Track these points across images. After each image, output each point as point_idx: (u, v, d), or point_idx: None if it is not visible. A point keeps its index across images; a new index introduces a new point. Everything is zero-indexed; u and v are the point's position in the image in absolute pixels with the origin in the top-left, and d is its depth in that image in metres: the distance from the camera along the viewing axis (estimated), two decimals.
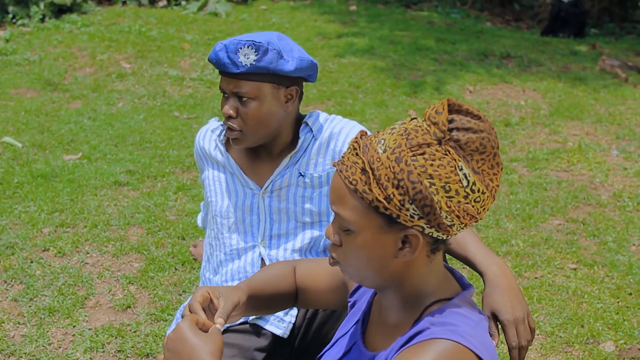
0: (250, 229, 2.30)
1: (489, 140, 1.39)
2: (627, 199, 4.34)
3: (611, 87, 6.44)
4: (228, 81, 2.16)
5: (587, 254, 3.74)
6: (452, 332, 1.37)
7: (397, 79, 6.35)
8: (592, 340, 3.08)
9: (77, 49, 6.89)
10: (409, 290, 1.49)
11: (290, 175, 2.28)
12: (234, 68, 2.13)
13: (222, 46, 2.13)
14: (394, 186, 1.35)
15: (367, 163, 1.38)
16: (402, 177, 1.34)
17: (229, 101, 2.18)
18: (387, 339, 1.53)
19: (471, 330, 1.40)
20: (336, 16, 8.54)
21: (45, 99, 5.77)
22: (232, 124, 2.19)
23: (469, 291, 1.51)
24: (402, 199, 1.35)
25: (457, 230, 1.41)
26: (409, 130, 1.38)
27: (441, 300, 1.47)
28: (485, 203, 1.40)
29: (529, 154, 4.96)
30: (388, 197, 1.36)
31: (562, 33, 8.43)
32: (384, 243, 1.41)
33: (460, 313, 1.43)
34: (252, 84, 2.16)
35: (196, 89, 6.09)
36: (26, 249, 3.62)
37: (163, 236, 3.77)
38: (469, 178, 1.37)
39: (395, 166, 1.35)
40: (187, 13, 8.24)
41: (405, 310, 1.50)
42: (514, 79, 6.52)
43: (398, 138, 1.37)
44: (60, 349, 2.96)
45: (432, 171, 1.35)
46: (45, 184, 4.29)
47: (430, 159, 1.35)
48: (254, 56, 2.13)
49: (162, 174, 4.46)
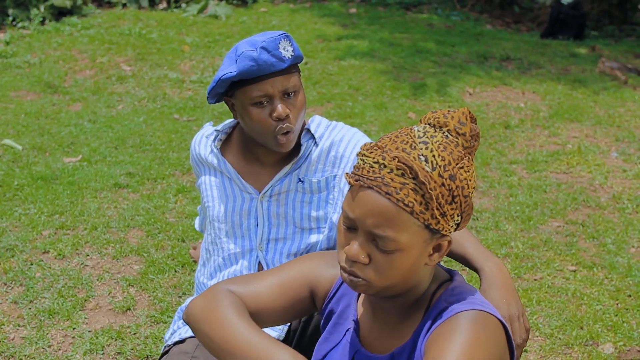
0: (248, 233, 2.30)
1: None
2: (626, 201, 4.34)
3: (611, 89, 6.45)
4: (273, 82, 2.09)
5: (586, 255, 3.74)
6: (471, 303, 1.46)
7: (397, 82, 6.35)
8: (592, 342, 3.08)
9: (77, 51, 6.90)
10: (418, 292, 1.54)
11: (289, 180, 2.27)
12: (281, 64, 2.08)
13: (259, 49, 2.05)
14: (447, 202, 1.41)
15: (427, 188, 1.38)
16: (458, 193, 1.42)
17: (277, 102, 2.11)
18: (392, 337, 1.53)
19: (483, 299, 1.51)
20: (336, 19, 8.54)
21: (45, 101, 5.78)
22: (289, 124, 2.14)
23: (457, 272, 1.60)
24: (454, 213, 1.43)
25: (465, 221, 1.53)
26: (448, 146, 1.42)
27: (443, 283, 1.55)
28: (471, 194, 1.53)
29: (528, 156, 4.96)
30: (444, 213, 1.41)
31: (561, 35, 8.44)
32: (422, 253, 1.46)
33: (466, 288, 1.53)
34: (295, 75, 2.14)
35: (196, 91, 6.09)
36: (26, 251, 3.62)
37: (163, 238, 3.78)
38: (473, 172, 1.49)
39: (451, 184, 1.40)
40: (187, 16, 8.25)
41: (412, 305, 1.53)
42: (513, 81, 6.53)
43: (443, 154, 1.41)
44: (60, 351, 2.96)
45: (470, 181, 1.44)
46: (45, 186, 4.29)
47: (466, 169, 1.43)
48: (290, 47, 2.11)
49: (162, 177, 4.47)
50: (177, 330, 2.34)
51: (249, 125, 2.15)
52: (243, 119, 2.17)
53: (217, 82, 2.10)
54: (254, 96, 2.10)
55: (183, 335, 2.28)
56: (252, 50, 2.05)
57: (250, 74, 2.06)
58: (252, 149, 2.28)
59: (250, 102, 2.11)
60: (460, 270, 3.52)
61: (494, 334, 1.45)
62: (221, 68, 2.14)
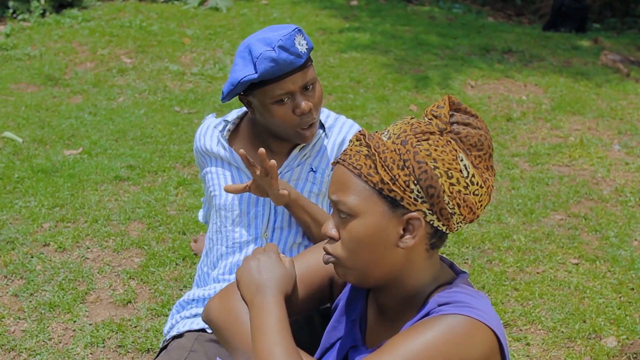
0: (255, 220, 2.29)
1: (486, 139, 1.43)
2: (629, 193, 4.33)
3: (613, 81, 6.43)
4: (293, 80, 2.08)
5: (589, 249, 3.73)
6: (461, 308, 1.39)
7: (398, 74, 6.33)
8: (594, 335, 3.07)
9: (78, 43, 6.88)
10: (409, 287, 1.49)
11: (301, 169, 2.27)
12: (300, 60, 2.06)
13: (276, 49, 2.03)
14: (399, 167, 1.38)
15: (373, 147, 1.40)
16: (409, 157, 1.37)
17: (299, 98, 2.10)
18: (387, 334, 1.52)
19: (478, 304, 1.42)
20: (337, 11, 8.52)
21: (45, 94, 5.76)
22: (312, 117, 2.14)
23: (465, 275, 1.53)
24: (408, 180, 1.38)
25: (457, 223, 1.42)
26: (412, 122, 1.43)
27: (442, 285, 1.49)
28: (482, 198, 1.43)
29: (530, 148, 4.94)
30: (393, 178, 1.38)
31: (563, 28, 8.41)
32: (385, 229, 1.41)
33: (464, 292, 1.45)
34: (311, 68, 2.14)
35: (197, 84, 6.07)
36: (27, 244, 3.61)
37: (164, 231, 3.77)
38: (469, 170, 1.41)
39: (401, 148, 1.38)
40: (188, 8, 8.22)
41: (406, 305, 1.50)
42: (515, 74, 6.51)
43: (403, 126, 1.42)
44: (61, 344, 2.95)
45: (435, 155, 1.38)
46: (45, 179, 4.28)
47: (434, 145, 1.39)
48: (304, 41, 2.11)
49: (163, 169, 4.45)
50: (175, 324, 2.33)
51: (271, 121, 2.16)
52: (263, 116, 2.17)
53: (237, 84, 2.09)
54: (276, 95, 2.10)
55: (181, 329, 2.27)
56: (269, 50, 2.03)
57: (272, 74, 2.06)
58: (265, 139, 2.28)
59: (272, 100, 2.11)
60: (454, 261, 3.52)
61: (478, 345, 1.36)
62: (235, 69, 2.12)
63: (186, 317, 2.32)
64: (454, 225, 1.43)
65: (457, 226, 1.44)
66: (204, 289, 2.34)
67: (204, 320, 1.64)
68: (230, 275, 2.31)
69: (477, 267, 3.52)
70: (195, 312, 2.31)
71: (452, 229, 1.43)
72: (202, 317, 1.64)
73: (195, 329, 2.25)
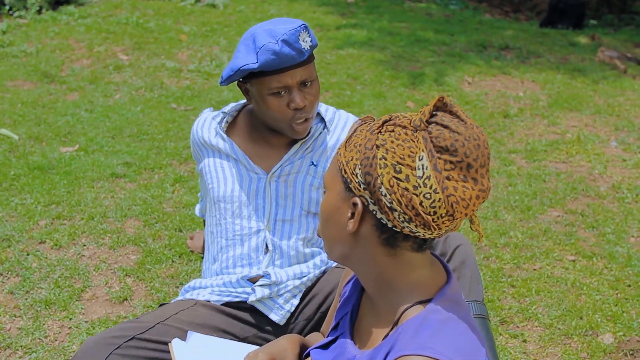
0: (255, 212, 2.29)
1: (463, 146, 1.35)
2: (626, 190, 4.32)
3: (610, 78, 6.42)
4: (292, 74, 2.09)
5: (585, 245, 3.73)
6: (422, 348, 1.34)
7: (395, 71, 6.33)
8: (591, 332, 3.07)
9: (74, 40, 6.86)
10: (379, 282, 1.47)
11: (301, 162, 2.28)
12: (301, 56, 2.08)
13: (280, 42, 2.04)
14: (357, 152, 1.40)
15: (351, 129, 1.46)
16: (363, 143, 1.39)
17: (295, 93, 2.11)
18: (372, 335, 1.52)
19: (445, 338, 1.36)
20: (334, 8, 8.51)
21: (42, 90, 5.75)
22: (307, 113, 2.16)
23: (449, 286, 1.47)
24: (355, 164, 1.39)
25: (401, 221, 1.37)
26: (399, 115, 1.43)
27: (420, 302, 1.44)
28: (435, 205, 1.35)
29: (527, 145, 4.94)
30: (348, 160, 1.40)
31: (560, 24, 8.41)
32: (339, 208, 1.44)
33: (437, 320, 1.40)
34: (312, 65, 2.16)
35: (194, 80, 6.06)
36: (22, 242, 3.60)
37: (160, 228, 3.76)
38: (426, 171, 1.35)
39: (367, 135, 1.40)
40: (185, 4, 8.20)
41: (386, 305, 1.49)
42: (512, 71, 6.50)
43: (386, 117, 1.43)
44: (57, 342, 2.94)
45: (389, 147, 1.37)
46: (41, 176, 4.27)
47: (395, 137, 1.38)
48: (309, 38, 2.11)
49: (160, 166, 4.44)
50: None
51: (265, 112, 2.17)
52: (258, 105, 2.18)
53: (237, 71, 2.10)
54: (273, 87, 2.11)
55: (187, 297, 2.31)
56: (273, 42, 2.04)
57: (271, 66, 2.07)
58: (261, 132, 2.28)
59: (268, 92, 2.13)
60: None
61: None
62: (237, 55, 2.13)
63: (188, 290, 2.34)
64: (400, 224, 1.37)
65: (406, 226, 1.38)
66: (209, 280, 2.35)
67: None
68: (234, 269, 2.30)
69: None
70: (199, 292, 2.32)
71: (398, 227, 1.38)
72: None
73: (202, 299, 2.28)
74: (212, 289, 2.30)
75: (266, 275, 2.26)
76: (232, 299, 2.26)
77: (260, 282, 2.25)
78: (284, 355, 1.69)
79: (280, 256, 2.29)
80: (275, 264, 2.30)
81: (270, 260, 2.29)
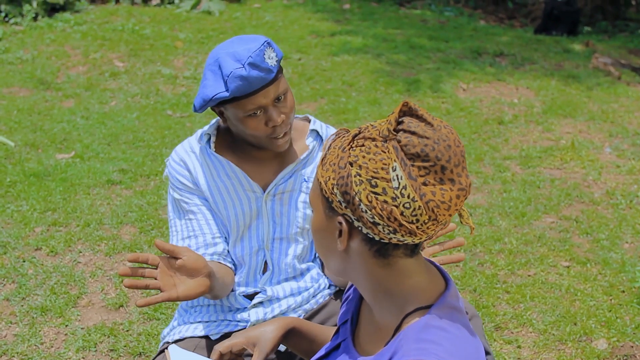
0: (256, 232, 2.28)
1: (433, 150, 1.34)
2: (620, 196, 4.34)
3: (604, 84, 6.45)
4: (265, 94, 2.06)
5: (580, 251, 3.74)
6: (425, 352, 1.34)
7: (390, 77, 6.35)
8: (585, 337, 3.08)
9: (70, 47, 6.87)
10: (380, 291, 1.47)
11: (294, 180, 2.25)
12: (270, 75, 2.04)
13: (246, 66, 2.00)
14: (333, 171, 1.39)
15: (324, 147, 1.45)
16: (336, 162, 1.39)
17: (271, 110, 2.08)
18: (373, 342, 1.52)
19: (447, 344, 1.37)
20: (330, 14, 8.53)
21: (38, 97, 5.76)
22: (285, 126, 2.13)
23: (449, 291, 1.47)
24: (333, 184, 1.38)
25: (387, 233, 1.37)
26: (368, 127, 1.41)
27: (420, 308, 1.44)
28: (417, 213, 1.34)
29: (522, 151, 4.96)
30: (326, 180, 1.40)
31: (555, 31, 8.44)
32: (327, 228, 1.44)
33: (439, 326, 1.40)
34: (282, 79, 2.12)
35: (189, 87, 6.08)
36: (18, 248, 3.60)
37: (156, 235, 3.77)
38: (401, 181, 1.34)
39: (339, 153, 1.39)
40: (180, 11, 8.22)
41: (385, 313, 1.49)
42: (507, 77, 6.53)
43: (355, 131, 1.41)
44: (53, 349, 2.95)
45: (362, 162, 1.36)
46: (37, 182, 4.27)
47: (365, 152, 1.36)
48: (274, 54, 2.08)
49: (155, 173, 4.45)
50: (176, 327, 2.32)
51: (244, 132, 2.14)
52: (236, 127, 2.15)
53: (209, 101, 2.08)
54: (248, 109, 2.08)
55: (184, 333, 2.26)
56: (239, 67, 2.01)
57: (243, 92, 2.04)
58: (245, 148, 2.26)
59: (244, 114, 2.09)
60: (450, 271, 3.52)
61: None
62: (205, 84, 2.08)
63: (189, 322, 2.30)
64: (386, 236, 1.37)
65: (393, 237, 1.37)
66: (191, 315, 2.33)
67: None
68: (240, 288, 2.29)
69: (469, 270, 3.53)
70: (200, 319, 2.29)
71: (385, 239, 1.38)
72: None
73: (199, 335, 2.24)
74: (205, 323, 2.27)
75: (262, 291, 2.27)
76: (231, 329, 2.25)
77: (256, 298, 2.25)
78: (262, 339, 1.75)
79: (279, 273, 2.29)
80: (273, 281, 2.30)
81: (269, 279, 2.29)
